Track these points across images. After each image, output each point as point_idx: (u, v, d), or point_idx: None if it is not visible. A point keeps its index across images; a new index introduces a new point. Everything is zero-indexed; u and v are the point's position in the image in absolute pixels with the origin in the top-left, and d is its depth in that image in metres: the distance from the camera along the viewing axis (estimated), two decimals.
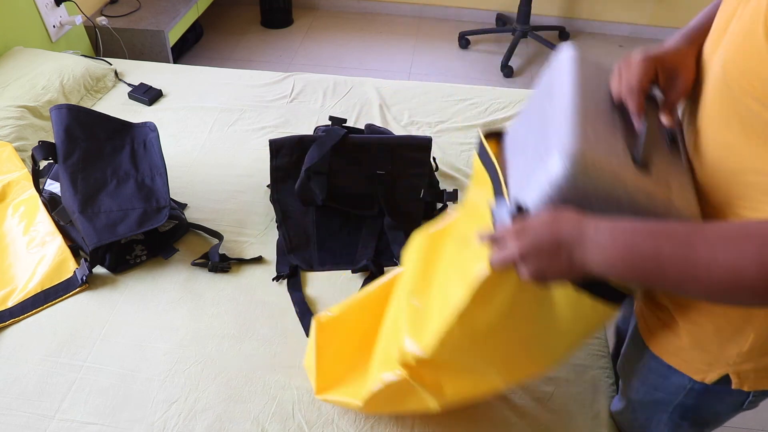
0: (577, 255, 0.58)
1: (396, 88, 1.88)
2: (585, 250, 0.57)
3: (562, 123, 0.63)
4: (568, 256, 0.58)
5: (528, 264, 0.60)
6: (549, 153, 0.62)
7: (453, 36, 3.29)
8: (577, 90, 0.68)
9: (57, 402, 1.03)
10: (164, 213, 1.26)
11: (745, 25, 0.58)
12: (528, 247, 0.60)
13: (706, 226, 0.55)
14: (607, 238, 0.57)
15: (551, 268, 0.59)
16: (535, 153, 0.68)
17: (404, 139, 1.41)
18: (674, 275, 0.54)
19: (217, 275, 1.26)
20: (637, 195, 0.61)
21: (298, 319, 1.18)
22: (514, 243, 0.61)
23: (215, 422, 1.01)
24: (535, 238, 0.59)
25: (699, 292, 0.55)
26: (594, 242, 0.57)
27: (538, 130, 0.70)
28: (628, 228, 0.57)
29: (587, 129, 0.62)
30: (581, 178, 0.60)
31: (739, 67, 0.58)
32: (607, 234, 0.57)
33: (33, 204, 1.35)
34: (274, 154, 1.37)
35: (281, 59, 3.07)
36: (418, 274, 0.90)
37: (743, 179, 0.60)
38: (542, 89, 0.77)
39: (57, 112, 1.32)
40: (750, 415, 1.58)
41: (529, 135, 0.74)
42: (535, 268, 0.60)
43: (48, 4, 2.06)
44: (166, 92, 1.84)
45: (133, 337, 1.14)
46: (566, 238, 0.58)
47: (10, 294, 1.20)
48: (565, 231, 0.58)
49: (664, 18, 3.26)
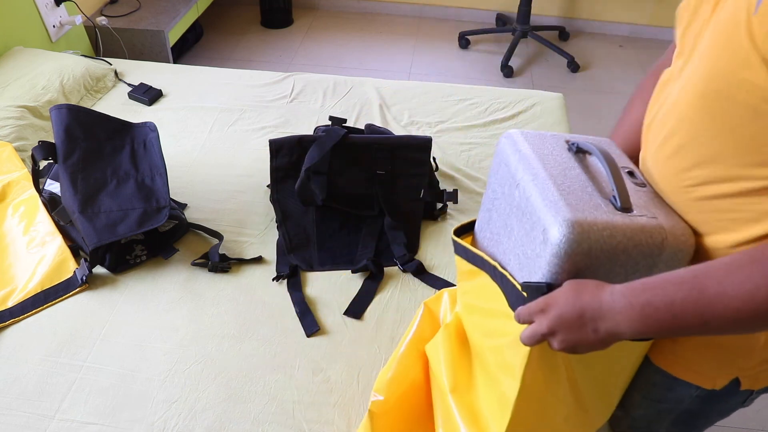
0: (602, 325, 0.60)
1: (396, 88, 1.88)
2: (607, 319, 0.59)
3: (544, 201, 0.67)
4: (593, 328, 0.60)
5: (557, 337, 0.62)
6: (544, 229, 0.65)
7: (453, 36, 3.29)
8: (539, 165, 0.72)
9: (57, 402, 1.03)
10: (164, 213, 1.26)
11: (719, 37, 0.57)
12: (554, 321, 0.62)
13: (709, 265, 0.57)
14: (623, 304, 0.59)
15: (581, 340, 0.61)
16: (523, 235, 0.71)
17: (404, 139, 1.41)
18: (694, 319, 0.56)
19: (217, 275, 1.26)
20: (635, 236, 0.64)
21: (298, 319, 1.18)
22: (541, 319, 0.63)
23: (215, 422, 1.01)
24: (558, 312, 0.62)
25: (725, 327, 0.56)
26: (613, 310, 0.59)
27: (516, 215, 0.74)
28: (638, 287, 0.59)
29: (569, 198, 0.67)
30: (584, 242, 0.63)
31: (724, 79, 0.57)
32: (622, 298, 0.59)
33: (33, 204, 1.35)
34: (274, 154, 1.37)
35: (281, 59, 3.07)
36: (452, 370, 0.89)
37: (734, 188, 0.60)
38: (501, 177, 0.79)
39: (57, 112, 1.32)
40: (750, 415, 1.58)
41: (508, 221, 0.77)
42: (564, 340, 0.62)
43: (48, 4, 2.06)
44: (166, 92, 1.84)
45: (133, 337, 1.14)
46: (588, 310, 0.60)
47: (10, 294, 1.20)
48: (585, 303, 0.61)
49: (664, 18, 3.26)
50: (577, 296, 0.61)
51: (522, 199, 0.72)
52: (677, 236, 0.65)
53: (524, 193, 0.71)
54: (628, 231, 0.64)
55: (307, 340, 1.14)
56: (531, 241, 0.69)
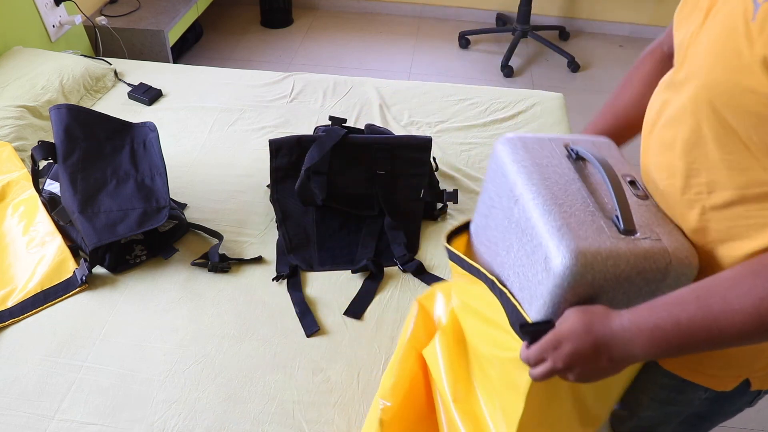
0: (616, 354, 0.60)
1: (396, 88, 1.88)
2: (620, 347, 0.59)
3: (546, 225, 0.66)
4: (608, 357, 0.60)
5: (574, 372, 0.62)
6: (546, 258, 0.64)
7: (453, 36, 3.29)
8: (540, 181, 0.70)
9: (57, 402, 1.03)
10: (164, 213, 1.26)
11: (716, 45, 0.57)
12: (569, 358, 0.61)
13: (712, 281, 0.58)
14: (632, 330, 0.59)
15: (596, 370, 0.62)
16: (523, 256, 0.70)
17: (404, 139, 1.41)
18: (702, 337, 0.56)
19: (217, 275, 1.26)
20: (639, 263, 0.63)
21: (298, 319, 1.18)
22: (555, 357, 0.62)
23: (215, 422, 1.01)
24: (573, 348, 0.61)
25: (733, 341, 0.57)
26: (624, 338, 0.59)
27: (516, 233, 0.72)
28: (645, 312, 0.59)
29: (571, 222, 0.65)
30: (588, 273, 0.62)
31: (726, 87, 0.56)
32: (631, 325, 0.59)
33: (33, 204, 1.35)
34: (274, 154, 1.37)
35: (281, 59, 3.07)
36: (452, 378, 0.89)
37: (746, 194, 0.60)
38: (499, 187, 0.77)
39: (56, 112, 1.32)
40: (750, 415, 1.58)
41: (506, 235, 0.75)
42: (581, 373, 0.62)
43: (47, 3, 2.06)
44: (166, 92, 1.84)
45: (133, 337, 1.14)
46: (601, 340, 0.60)
47: (10, 294, 1.20)
48: (598, 334, 0.60)
49: (664, 18, 3.26)
50: (589, 328, 0.61)
51: (522, 217, 0.70)
52: (681, 259, 0.64)
53: (524, 212, 0.69)
54: (632, 258, 0.63)
55: (307, 340, 1.14)
56: (532, 264, 0.68)
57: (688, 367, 0.77)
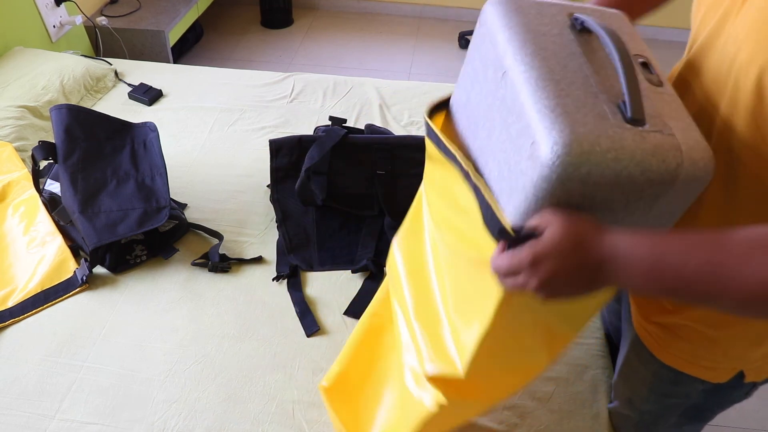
0: (599, 277, 0.53)
1: (396, 88, 1.88)
2: (606, 272, 0.53)
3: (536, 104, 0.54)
4: (589, 281, 0.54)
5: (545, 291, 0.54)
6: (534, 143, 0.53)
7: (453, 36, 3.29)
8: (534, 51, 0.58)
9: (57, 402, 1.03)
10: (164, 213, 1.26)
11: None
12: (546, 277, 0.53)
13: (733, 236, 0.50)
14: (627, 259, 0.52)
15: (571, 290, 0.55)
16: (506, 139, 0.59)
17: (404, 139, 1.41)
18: (701, 292, 0.51)
19: (217, 275, 1.26)
20: (645, 160, 0.52)
21: (298, 319, 1.18)
22: (531, 274, 0.54)
23: (215, 422, 1.01)
24: (553, 268, 0.53)
25: (730, 307, 0.52)
26: (614, 266, 0.52)
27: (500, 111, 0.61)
28: (646, 244, 0.52)
29: (567, 104, 0.53)
30: (582, 165, 0.51)
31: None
32: (627, 253, 0.52)
33: (33, 204, 1.36)
34: (274, 154, 1.37)
35: (281, 59, 3.07)
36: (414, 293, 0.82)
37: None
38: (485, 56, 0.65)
39: (57, 112, 1.32)
40: (750, 414, 1.58)
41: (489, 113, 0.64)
42: (552, 293, 0.55)
43: (48, 4, 2.06)
44: (166, 92, 1.84)
45: (133, 337, 1.14)
46: (588, 263, 0.53)
47: (11, 294, 1.20)
48: (584, 256, 0.53)
49: (664, 18, 3.25)
50: (576, 247, 0.52)
51: (509, 93, 0.58)
52: (695, 161, 0.53)
53: (512, 86, 0.58)
54: (638, 153, 0.52)
55: (307, 340, 1.15)
56: (516, 150, 0.57)
57: (684, 359, 0.77)
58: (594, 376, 1.10)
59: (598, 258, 0.52)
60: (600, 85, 0.57)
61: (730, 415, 1.56)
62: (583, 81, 0.57)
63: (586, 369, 1.11)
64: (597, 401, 1.06)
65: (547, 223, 0.53)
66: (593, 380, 1.09)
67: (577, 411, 1.04)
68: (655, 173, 0.53)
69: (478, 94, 0.67)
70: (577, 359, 1.12)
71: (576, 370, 1.11)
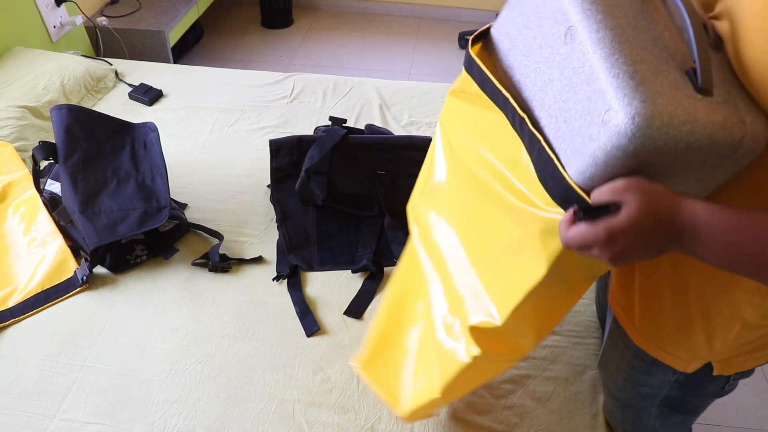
0: (670, 247, 0.53)
1: (396, 88, 1.88)
2: (679, 243, 0.52)
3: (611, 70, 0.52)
4: (660, 247, 0.53)
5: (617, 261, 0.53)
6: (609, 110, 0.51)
7: (453, 36, 3.29)
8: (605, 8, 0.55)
9: (57, 402, 1.03)
10: (164, 213, 1.26)
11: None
12: (620, 251, 0.52)
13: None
14: (705, 233, 0.51)
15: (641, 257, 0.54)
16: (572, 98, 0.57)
17: (404, 139, 1.41)
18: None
19: (217, 275, 1.27)
20: (715, 134, 0.52)
21: (298, 319, 1.18)
22: (604, 249, 0.52)
23: (215, 422, 1.01)
24: (629, 244, 0.52)
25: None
26: (689, 237, 0.51)
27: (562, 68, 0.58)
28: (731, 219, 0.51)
29: (643, 71, 0.52)
30: (660, 138, 0.50)
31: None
32: (706, 227, 0.51)
33: (33, 204, 1.36)
34: (274, 154, 1.37)
35: (281, 59, 3.07)
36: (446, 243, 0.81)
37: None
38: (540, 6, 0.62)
39: (57, 113, 1.32)
40: (750, 414, 1.58)
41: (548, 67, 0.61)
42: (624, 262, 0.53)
43: (48, 4, 2.06)
44: (167, 92, 1.84)
45: (133, 337, 1.14)
46: (664, 236, 0.52)
47: (11, 294, 1.20)
48: (664, 229, 0.51)
49: None
50: (653, 225, 0.51)
51: (576, 52, 0.56)
52: (756, 134, 0.53)
53: (581, 46, 0.55)
54: (709, 127, 0.51)
55: (307, 340, 1.15)
56: (583, 114, 0.55)
57: (654, 343, 0.78)
58: (594, 376, 1.10)
59: (676, 230, 0.51)
60: (669, 49, 0.54)
61: (730, 415, 1.57)
62: (653, 44, 0.54)
63: (586, 369, 1.11)
64: (597, 401, 1.06)
65: (623, 197, 0.51)
66: (593, 380, 1.09)
67: (577, 411, 1.05)
68: (721, 145, 0.52)
69: (528, 43, 0.64)
70: (577, 359, 1.12)
71: (576, 370, 1.11)
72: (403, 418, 0.94)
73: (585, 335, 1.17)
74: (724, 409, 1.54)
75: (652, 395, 0.85)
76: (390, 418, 1.02)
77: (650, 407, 0.87)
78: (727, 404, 1.55)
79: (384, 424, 1.01)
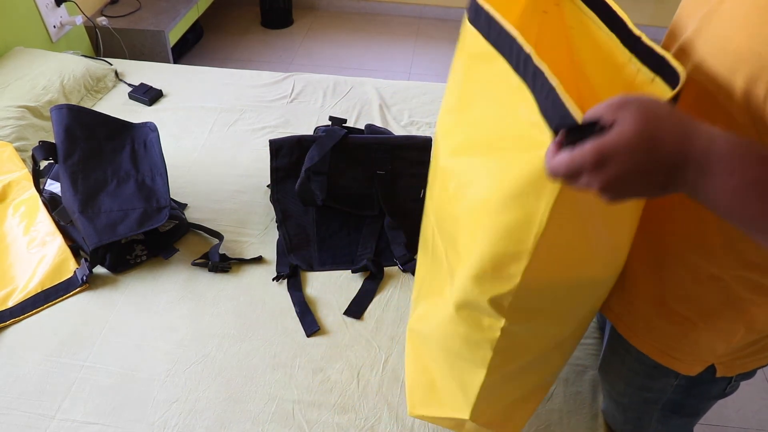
0: (677, 183, 0.44)
1: (396, 88, 1.88)
2: (685, 177, 0.44)
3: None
4: (664, 181, 0.44)
5: (611, 193, 0.45)
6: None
7: (453, 36, 3.29)
8: None
9: (57, 402, 1.03)
10: (164, 213, 1.26)
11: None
12: (613, 180, 0.44)
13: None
14: (720, 166, 0.43)
15: (641, 192, 0.47)
16: None
17: (404, 139, 1.41)
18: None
19: (218, 275, 1.27)
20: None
21: (298, 319, 1.18)
22: (594, 177, 0.44)
23: (215, 422, 1.01)
24: (622, 171, 0.43)
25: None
26: (699, 169, 0.43)
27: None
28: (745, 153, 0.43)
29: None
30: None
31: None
32: (722, 159, 0.43)
33: (33, 204, 1.36)
34: (274, 154, 1.37)
35: (281, 59, 3.07)
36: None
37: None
38: None
39: (57, 112, 1.32)
40: (750, 414, 1.58)
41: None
42: (619, 194, 0.46)
43: (48, 4, 2.06)
44: (167, 92, 1.84)
45: (133, 337, 1.14)
46: (666, 162, 0.43)
47: (11, 294, 1.20)
48: (665, 154, 0.43)
49: (665, 18, 3.26)
50: (651, 144, 0.42)
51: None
52: None
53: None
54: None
55: (307, 340, 1.15)
56: None
57: (657, 348, 0.77)
58: (594, 376, 1.10)
59: (681, 156, 0.43)
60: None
61: (730, 415, 1.57)
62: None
63: (586, 369, 1.11)
64: (597, 401, 1.06)
65: (615, 112, 0.44)
66: (593, 380, 1.09)
67: (577, 411, 1.04)
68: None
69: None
70: (577, 359, 1.12)
71: (576, 370, 1.11)
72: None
73: (585, 335, 1.17)
74: (725, 410, 1.54)
75: (654, 399, 0.84)
76: (390, 418, 1.02)
77: (652, 411, 0.87)
78: (728, 405, 1.55)
79: (384, 424, 1.01)
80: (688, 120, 0.44)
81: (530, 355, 0.76)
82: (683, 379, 0.78)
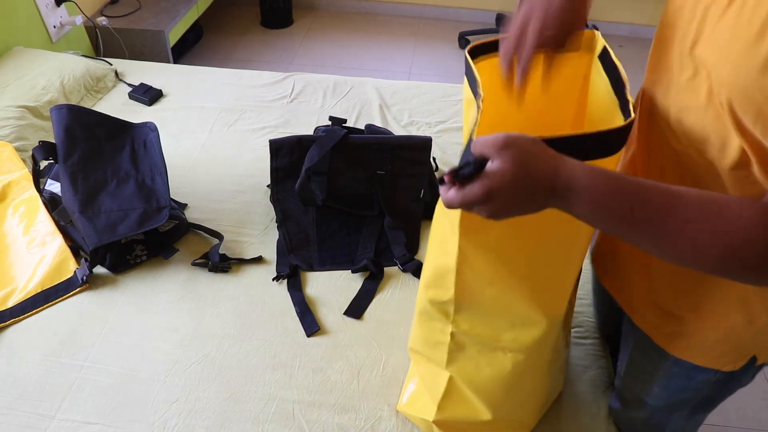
0: (549, 202, 0.56)
1: (396, 88, 1.88)
2: (558, 200, 0.55)
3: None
4: (540, 205, 0.56)
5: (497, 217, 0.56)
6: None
7: (453, 36, 3.29)
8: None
9: (57, 402, 1.03)
10: (164, 213, 1.26)
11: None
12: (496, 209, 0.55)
13: (683, 197, 0.53)
14: (579, 196, 0.54)
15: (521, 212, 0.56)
16: None
17: (404, 139, 1.41)
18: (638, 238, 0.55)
19: (217, 275, 1.26)
20: None
21: (298, 319, 1.18)
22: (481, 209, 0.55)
23: (215, 422, 1.01)
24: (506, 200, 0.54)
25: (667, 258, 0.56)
26: (564, 199, 0.54)
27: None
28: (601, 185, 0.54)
29: None
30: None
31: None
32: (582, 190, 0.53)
33: (33, 204, 1.36)
34: (274, 154, 1.37)
35: (281, 59, 3.07)
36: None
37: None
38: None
39: (57, 112, 1.32)
40: (750, 414, 1.58)
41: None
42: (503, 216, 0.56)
43: (48, 4, 2.06)
44: (167, 92, 1.84)
45: (133, 337, 1.14)
46: (538, 192, 0.54)
47: (11, 294, 1.20)
48: (538, 187, 0.54)
49: None
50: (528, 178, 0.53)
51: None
52: None
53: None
54: None
55: (307, 340, 1.15)
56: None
57: (699, 353, 0.77)
58: (594, 376, 1.10)
59: (551, 186, 0.54)
60: None
61: (730, 415, 1.57)
62: None
63: (586, 369, 1.11)
64: (597, 401, 1.06)
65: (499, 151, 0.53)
66: (593, 380, 1.09)
67: (577, 411, 1.04)
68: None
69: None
70: (577, 359, 1.12)
71: (576, 370, 1.11)
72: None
73: (585, 335, 1.17)
74: (725, 410, 1.54)
75: (689, 399, 0.84)
76: (390, 418, 1.02)
77: (684, 409, 0.86)
78: (729, 405, 1.54)
79: (384, 424, 1.01)
80: (556, 158, 0.55)
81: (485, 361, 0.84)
82: (722, 374, 0.77)
